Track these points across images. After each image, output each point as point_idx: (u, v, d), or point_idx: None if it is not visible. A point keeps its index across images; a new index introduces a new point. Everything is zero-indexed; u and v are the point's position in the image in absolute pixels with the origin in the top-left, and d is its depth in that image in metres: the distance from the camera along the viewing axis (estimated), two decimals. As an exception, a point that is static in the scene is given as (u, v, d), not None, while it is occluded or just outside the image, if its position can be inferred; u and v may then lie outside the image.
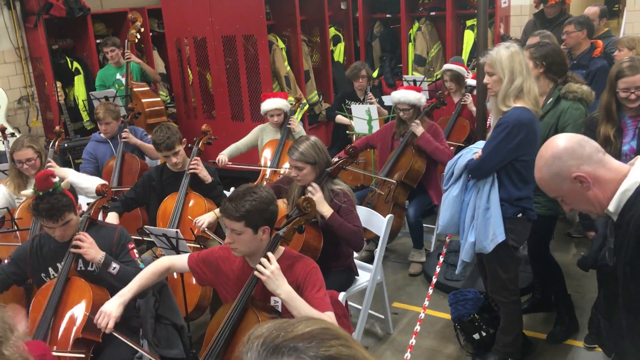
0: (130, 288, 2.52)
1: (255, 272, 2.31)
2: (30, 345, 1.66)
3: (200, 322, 3.80)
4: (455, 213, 3.09)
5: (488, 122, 3.91)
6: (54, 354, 2.61)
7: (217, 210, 3.67)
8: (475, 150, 3.07)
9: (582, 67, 4.81)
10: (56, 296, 2.73)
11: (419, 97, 4.55)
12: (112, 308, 2.43)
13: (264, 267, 2.30)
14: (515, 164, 2.95)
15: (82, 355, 2.64)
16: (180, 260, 2.67)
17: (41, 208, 2.73)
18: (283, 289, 2.28)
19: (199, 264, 2.61)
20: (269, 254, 2.34)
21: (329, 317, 2.31)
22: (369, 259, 4.25)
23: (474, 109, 5.22)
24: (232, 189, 4.28)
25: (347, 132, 5.71)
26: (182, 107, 6.90)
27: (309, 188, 3.27)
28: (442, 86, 5.63)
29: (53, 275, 2.88)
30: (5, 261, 3.00)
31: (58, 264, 2.86)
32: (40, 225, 3.62)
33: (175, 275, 3.69)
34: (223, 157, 4.72)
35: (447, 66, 5.46)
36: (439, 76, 7.21)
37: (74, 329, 2.69)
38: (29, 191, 2.92)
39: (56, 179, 2.85)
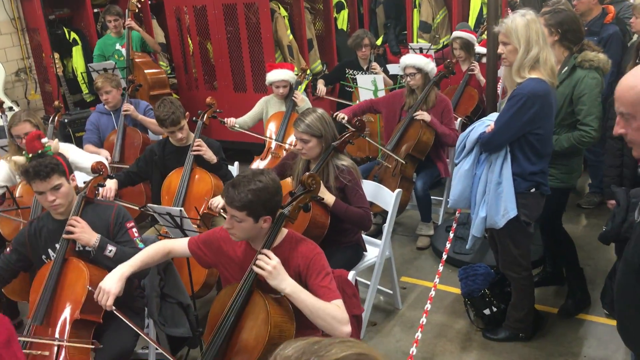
0: (131, 264, 2.44)
1: (255, 269, 2.23)
2: None
3: (207, 300, 3.76)
4: (466, 187, 3.01)
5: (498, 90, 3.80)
6: (64, 343, 2.56)
7: None
8: (488, 123, 2.97)
9: (593, 34, 4.65)
10: (53, 278, 2.66)
11: (428, 62, 4.42)
12: (112, 284, 2.35)
13: (265, 263, 2.21)
14: (529, 137, 2.84)
15: (87, 346, 2.57)
16: (181, 244, 2.57)
17: (28, 167, 2.66)
18: (287, 284, 2.20)
19: (199, 245, 2.53)
20: (265, 251, 2.25)
21: (337, 305, 2.23)
22: (376, 234, 4.19)
23: (482, 78, 5.09)
24: (236, 163, 4.20)
25: (352, 103, 5.58)
26: (182, 78, 6.76)
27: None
28: (450, 54, 5.48)
29: (53, 256, 2.80)
30: (7, 249, 2.93)
31: (57, 245, 2.79)
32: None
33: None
34: (232, 119, 4.62)
35: (456, 33, 5.29)
36: (445, 43, 7.06)
37: (72, 310, 2.62)
38: (20, 158, 2.83)
39: (45, 141, 2.77)
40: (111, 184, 3.66)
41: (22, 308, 3.72)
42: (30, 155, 2.71)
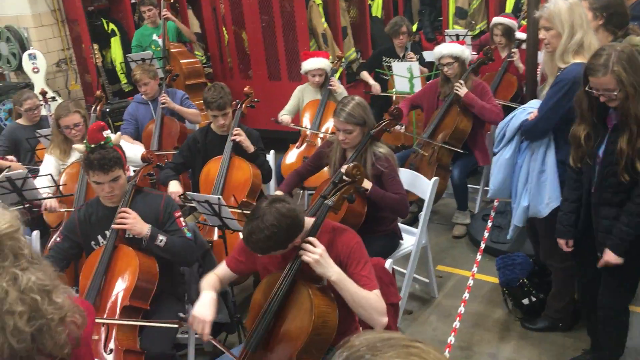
0: (210, 288, 2.44)
1: (303, 257, 2.22)
2: (77, 301, 1.65)
3: (244, 287, 3.81)
4: (507, 176, 2.97)
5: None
6: (104, 320, 2.64)
7: (277, 192, 3.57)
8: (530, 110, 2.92)
9: (634, 19, 4.50)
10: (104, 264, 2.74)
11: (463, 49, 4.36)
12: (205, 311, 2.32)
13: (310, 251, 2.20)
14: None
15: (136, 324, 2.65)
16: (222, 269, 2.54)
17: (92, 158, 2.71)
18: (333, 271, 2.19)
19: (236, 258, 2.51)
20: (311, 239, 2.24)
21: (376, 295, 2.23)
22: (412, 222, 4.18)
23: (521, 65, 5.00)
24: (271, 152, 4.22)
25: (387, 91, 5.55)
26: (218, 68, 6.81)
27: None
28: (490, 40, 5.39)
29: (102, 242, 2.88)
30: (57, 238, 3.01)
31: (106, 232, 2.86)
32: (85, 191, 3.65)
33: (215, 237, 3.68)
34: (286, 117, 4.64)
35: (497, 19, 5.19)
36: (481, 29, 6.94)
37: (122, 296, 2.70)
38: (80, 146, 2.89)
39: (107, 133, 2.83)
40: (177, 188, 3.74)
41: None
42: (92, 145, 2.75)
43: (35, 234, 3.38)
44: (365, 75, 5.81)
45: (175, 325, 2.67)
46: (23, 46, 6.57)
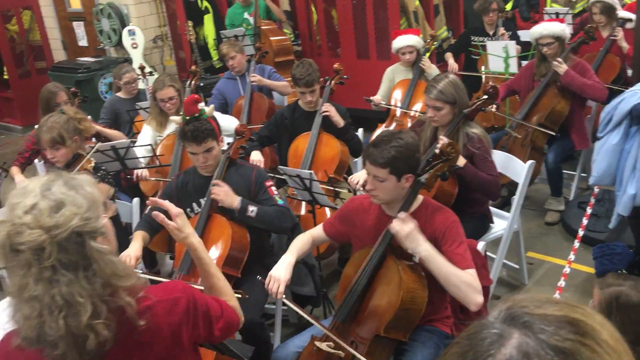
0: (291, 252, 2.51)
1: (392, 231, 2.22)
2: (168, 285, 1.69)
3: (330, 262, 3.86)
4: (612, 163, 2.82)
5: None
6: (196, 286, 2.74)
7: None
8: (640, 92, 2.75)
9: None
10: (198, 231, 2.83)
11: (564, 29, 4.15)
12: (281, 272, 2.40)
13: (401, 226, 2.19)
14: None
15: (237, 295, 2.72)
16: (317, 231, 2.63)
17: (187, 130, 2.82)
18: (423, 247, 2.18)
19: (333, 224, 2.58)
20: (402, 213, 2.24)
21: (470, 274, 2.19)
22: (502, 205, 4.06)
23: (625, 44, 4.70)
24: (360, 130, 4.21)
25: (482, 70, 5.37)
26: (306, 45, 6.85)
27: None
28: (589, 19, 5.10)
29: (197, 210, 2.99)
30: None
31: (201, 200, 2.97)
32: (180, 161, 3.80)
33: (303, 211, 3.74)
34: (377, 97, 4.64)
35: None
36: (580, 8, 6.57)
37: (215, 263, 2.77)
38: (177, 117, 3.02)
39: (202, 105, 2.93)
40: (258, 157, 3.83)
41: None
42: (188, 117, 2.86)
43: (136, 201, 3.55)
44: (446, 56, 5.66)
45: (239, 295, 2.72)
46: (123, 22, 6.88)
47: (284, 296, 2.38)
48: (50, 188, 1.38)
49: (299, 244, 2.57)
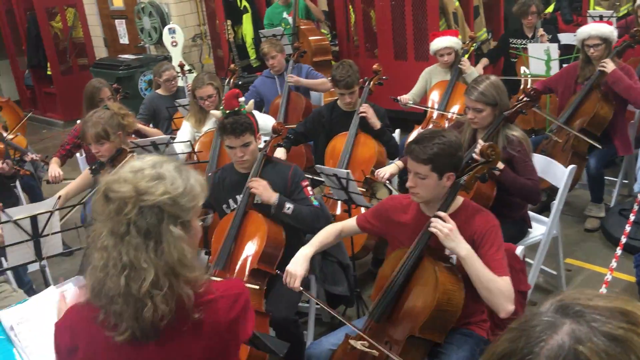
0: (312, 245, 2.54)
1: (432, 229, 2.20)
2: (230, 282, 1.75)
3: (364, 262, 3.85)
4: (658, 168, 2.74)
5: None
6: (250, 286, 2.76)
7: (398, 162, 3.59)
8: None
9: None
10: (235, 227, 2.87)
11: (612, 30, 4.06)
12: (297, 267, 2.43)
13: (441, 224, 2.18)
14: None
15: (257, 287, 2.75)
16: (350, 223, 2.64)
17: (226, 122, 2.87)
18: (462, 247, 2.16)
19: (368, 220, 2.57)
20: (441, 213, 2.23)
21: (506, 282, 2.16)
22: (540, 210, 3.98)
23: (672, 48, 4.58)
24: (397, 130, 4.19)
25: (521, 71, 5.29)
26: (344, 46, 6.85)
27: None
28: (635, 22, 4.98)
29: (233, 206, 3.02)
30: None
31: (237, 196, 2.99)
32: (217, 158, 3.84)
33: (338, 211, 3.74)
34: (405, 96, 4.61)
35: None
36: (625, 11, 6.41)
37: (251, 259, 2.82)
38: (217, 112, 3.07)
39: (242, 100, 2.96)
40: (280, 153, 3.82)
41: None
42: (228, 111, 2.90)
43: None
44: (481, 60, 5.62)
45: (256, 287, 2.74)
46: (163, 21, 6.99)
47: (302, 289, 2.42)
48: (162, 164, 1.53)
49: (323, 235, 2.59)
